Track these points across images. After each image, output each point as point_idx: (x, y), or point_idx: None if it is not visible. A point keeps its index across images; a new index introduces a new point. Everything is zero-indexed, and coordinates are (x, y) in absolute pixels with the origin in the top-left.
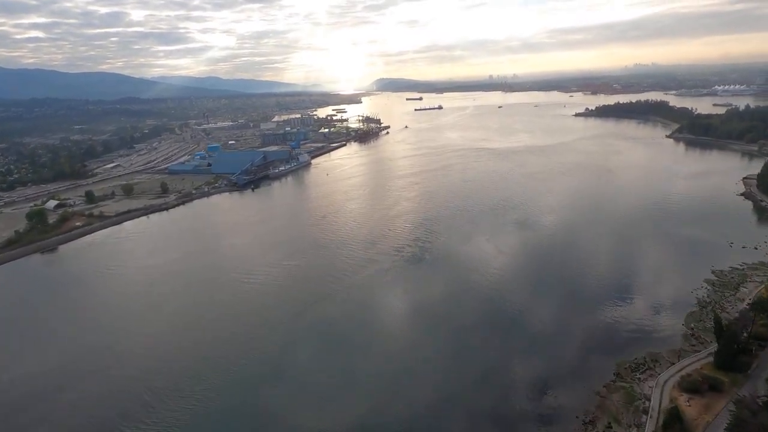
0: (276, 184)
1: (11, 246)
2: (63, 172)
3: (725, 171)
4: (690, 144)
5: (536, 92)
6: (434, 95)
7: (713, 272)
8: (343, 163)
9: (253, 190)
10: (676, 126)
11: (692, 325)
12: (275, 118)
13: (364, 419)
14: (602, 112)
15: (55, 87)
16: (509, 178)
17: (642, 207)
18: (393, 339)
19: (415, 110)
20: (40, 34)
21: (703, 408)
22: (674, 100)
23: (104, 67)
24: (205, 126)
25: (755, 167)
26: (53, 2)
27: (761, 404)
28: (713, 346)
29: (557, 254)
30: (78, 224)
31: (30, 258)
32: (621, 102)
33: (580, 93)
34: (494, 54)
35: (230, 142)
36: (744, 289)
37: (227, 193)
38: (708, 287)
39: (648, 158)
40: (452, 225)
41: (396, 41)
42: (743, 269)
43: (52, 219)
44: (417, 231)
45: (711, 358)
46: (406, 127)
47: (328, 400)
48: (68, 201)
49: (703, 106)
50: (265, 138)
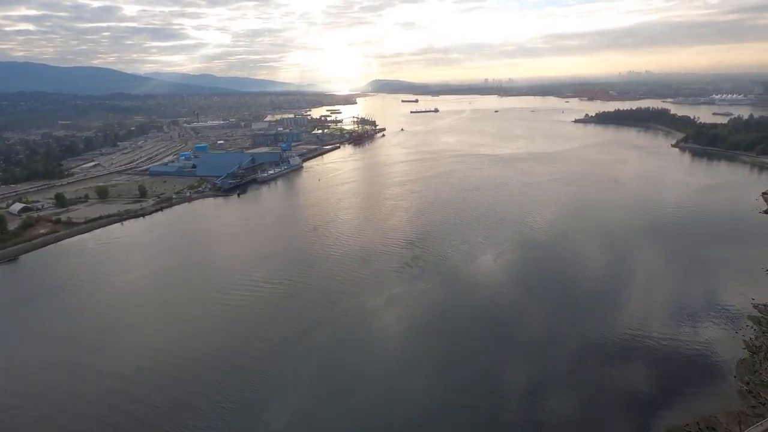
0: (264, 189)
1: None
2: (37, 171)
3: (740, 184)
4: (697, 154)
5: (532, 97)
6: (430, 98)
7: (755, 306)
8: (337, 168)
9: (239, 196)
10: (679, 135)
11: (747, 379)
12: (268, 118)
13: None
14: (602, 119)
15: (45, 81)
16: (513, 188)
17: (659, 225)
18: (392, 392)
19: (411, 112)
20: (31, 27)
21: None
22: (673, 109)
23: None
24: (195, 124)
25: None
26: None
27: None
28: None
29: (573, 283)
30: (42, 231)
31: None
32: (621, 109)
33: (576, 99)
34: (490, 58)
35: (219, 142)
36: None
37: (211, 199)
38: (754, 327)
39: (656, 169)
40: (454, 241)
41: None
42: None
43: (15, 225)
44: (415, 248)
45: None
46: (402, 130)
47: None
48: (36, 204)
49: (703, 115)
50: (256, 138)
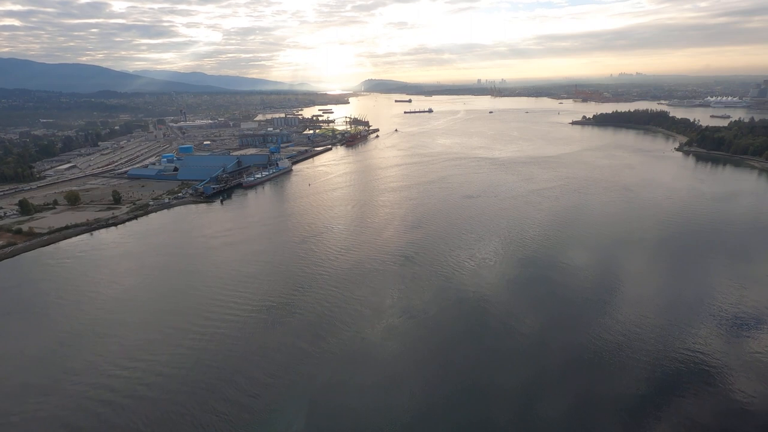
0: (250, 195)
1: None
2: (5, 174)
3: (756, 192)
4: (702, 159)
5: (525, 98)
6: (423, 98)
7: None
8: (328, 171)
9: (222, 203)
10: (680, 138)
11: None
12: (258, 117)
13: None
14: (600, 121)
15: (31, 78)
16: (518, 196)
17: (684, 239)
18: None
19: (405, 113)
20: (16, 23)
21: None
22: (669, 111)
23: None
24: (182, 123)
25: None
26: None
27: None
28: None
29: (602, 314)
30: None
31: None
32: (619, 111)
33: (571, 100)
34: (482, 58)
35: (205, 143)
36: None
37: (192, 205)
38: None
39: (664, 175)
40: (457, 258)
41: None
42: None
43: None
44: (413, 266)
45: None
46: (396, 131)
47: None
48: None
49: (700, 118)
50: (244, 139)
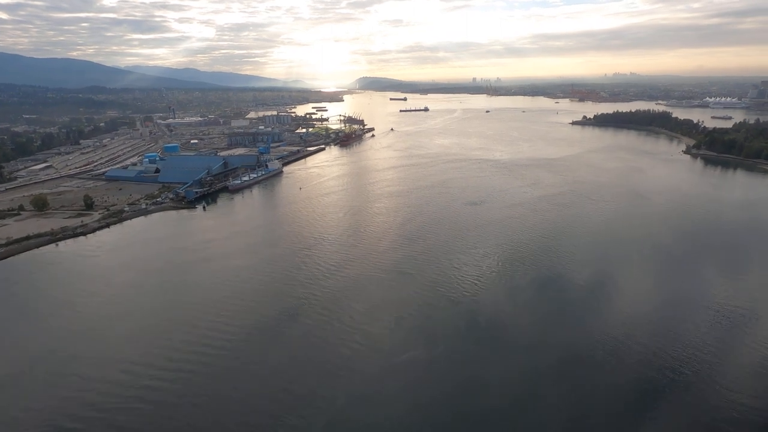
0: (237, 200)
1: None
2: None
3: None
4: (712, 162)
5: (521, 97)
6: (418, 96)
7: None
8: (321, 173)
9: (205, 209)
10: (685, 139)
11: None
12: (250, 115)
13: None
14: (600, 121)
15: (18, 72)
16: (524, 202)
17: (717, 254)
18: None
19: (401, 111)
20: (4, 16)
21: None
22: (669, 112)
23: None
24: (170, 121)
25: None
26: None
27: None
28: None
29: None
30: None
31: None
32: (620, 111)
33: (567, 100)
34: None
35: (192, 142)
36: None
37: (172, 212)
38: None
39: (676, 179)
40: (467, 277)
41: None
42: None
43: None
44: (417, 288)
45: None
46: (392, 130)
47: None
48: None
49: (702, 119)
50: (233, 138)
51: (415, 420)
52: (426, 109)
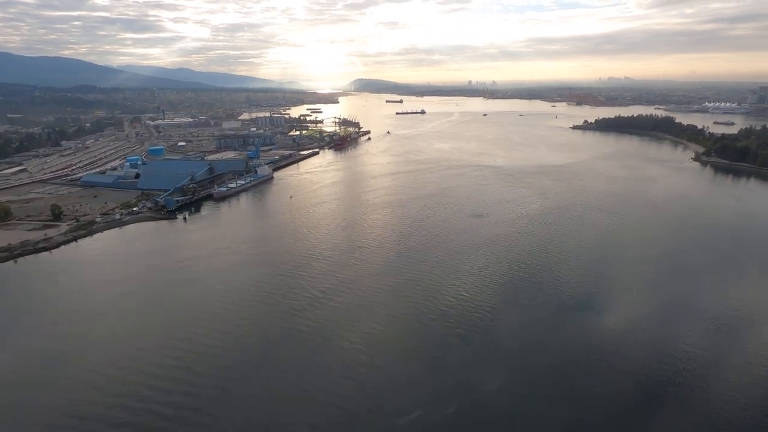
0: (223, 209)
1: None
2: None
3: None
4: (724, 171)
5: (518, 100)
6: (414, 98)
7: None
8: (314, 180)
9: (186, 219)
10: (692, 146)
11: None
12: (243, 116)
13: None
14: (602, 126)
15: (7, 71)
16: (533, 215)
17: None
18: None
19: (397, 114)
20: None
21: None
22: (669, 117)
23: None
24: (159, 122)
25: None
26: None
27: None
28: None
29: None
30: None
31: None
32: (621, 116)
33: (564, 103)
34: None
35: (180, 144)
36: None
37: (150, 222)
38: None
39: (691, 188)
40: (479, 308)
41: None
42: None
43: None
44: (418, 325)
45: None
46: (389, 133)
47: None
48: None
49: (703, 124)
50: (222, 141)
51: None
52: (423, 112)
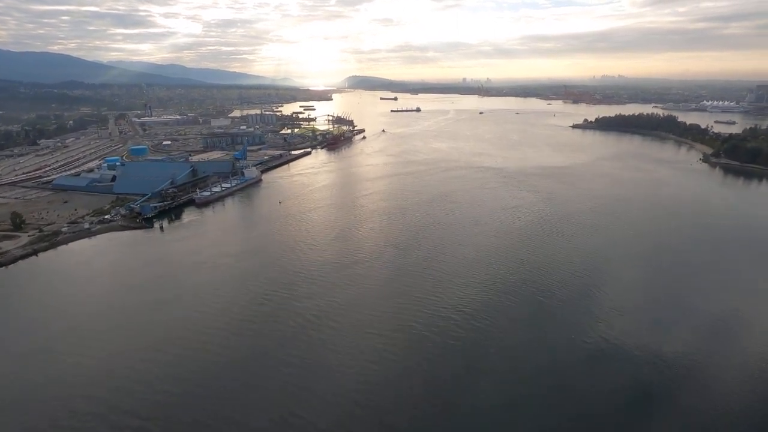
0: (205, 216)
1: None
2: None
3: None
4: (735, 173)
5: (513, 98)
6: (409, 96)
7: None
8: (305, 182)
9: (163, 229)
10: (698, 146)
11: None
12: (234, 113)
13: None
14: (602, 125)
15: None
16: (542, 222)
17: None
18: None
19: (392, 111)
20: None
21: None
22: (667, 115)
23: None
24: (146, 119)
25: None
26: None
27: None
28: None
29: None
30: None
31: None
32: (621, 114)
33: (560, 101)
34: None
35: (165, 143)
36: None
37: (124, 232)
38: None
39: (708, 193)
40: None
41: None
42: None
43: None
44: (423, 368)
45: None
46: (384, 131)
47: None
48: None
49: (704, 122)
50: (209, 140)
51: None
52: (418, 110)
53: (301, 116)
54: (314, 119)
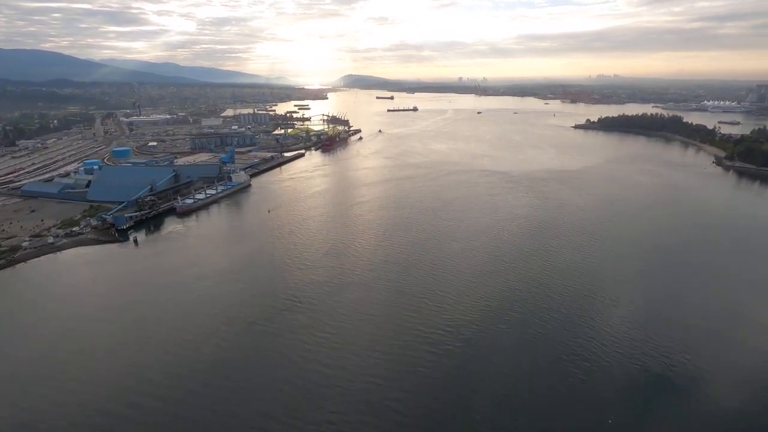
0: (187, 226)
1: None
2: None
3: None
4: (753, 177)
5: (510, 97)
6: (405, 95)
7: None
8: (298, 188)
9: (137, 243)
10: (708, 148)
11: None
12: (226, 113)
13: None
14: (605, 125)
15: None
16: (558, 233)
17: None
18: None
19: (389, 111)
20: None
21: None
22: (667, 115)
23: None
24: (134, 119)
25: None
26: None
27: None
28: None
29: None
30: None
31: None
32: (625, 114)
33: (558, 101)
34: (463, 56)
35: (150, 144)
36: None
37: (94, 246)
38: None
39: (732, 199)
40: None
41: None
42: None
43: None
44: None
45: None
46: (380, 132)
47: None
48: None
49: (708, 123)
50: (197, 141)
51: None
52: (415, 109)
53: (296, 116)
54: (309, 119)
